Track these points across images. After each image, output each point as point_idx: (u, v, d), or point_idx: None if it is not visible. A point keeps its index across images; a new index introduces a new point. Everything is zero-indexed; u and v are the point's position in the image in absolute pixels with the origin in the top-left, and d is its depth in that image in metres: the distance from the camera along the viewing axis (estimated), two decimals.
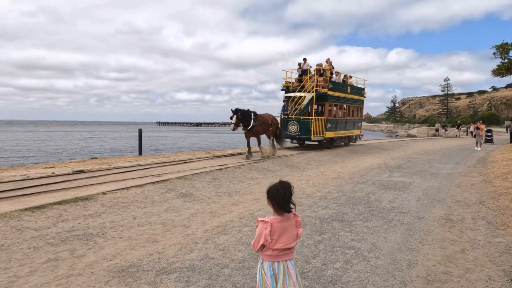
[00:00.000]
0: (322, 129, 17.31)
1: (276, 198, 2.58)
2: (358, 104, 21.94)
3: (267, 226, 2.57)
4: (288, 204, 2.61)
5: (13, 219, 5.26)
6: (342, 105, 19.71)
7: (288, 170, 11.50)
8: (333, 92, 17.99)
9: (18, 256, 4.12)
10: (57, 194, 6.92)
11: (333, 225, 5.51)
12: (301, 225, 2.69)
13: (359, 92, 21.89)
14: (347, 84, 20.09)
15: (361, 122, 22.79)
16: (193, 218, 5.87)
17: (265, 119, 13.86)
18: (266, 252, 2.63)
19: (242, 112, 12.85)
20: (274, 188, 2.61)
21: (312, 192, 8.14)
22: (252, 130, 13.18)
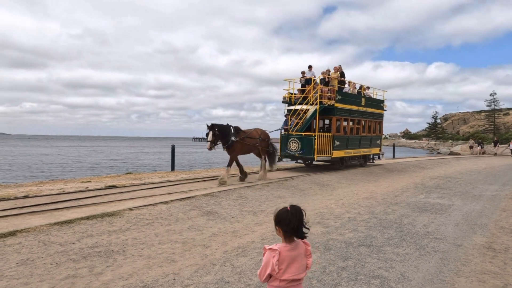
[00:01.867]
0: (329, 147, 14.88)
1: (288, 225, 2.42)
2: (376, 118, 19.01)
3: (275, 254, 2.41)
4: (301, 230, 2.45)
5: (41, 233, 5.42)
6: (355, 120, 17.01)
7: (318, 189, 11.17)
8: (342, 104, 15.48)
9: (40, 272, 4.20)
10: (86, 209, 7.11)
11: (360, 250, 5.19)
12: (311, 254, 2.50)
13: (377, 105, 19.11)
14: (361, 96, 17.45)
15: (380, 139, 19.72)
16: (214, 238, 5.77)
17: (251, 134, 12.01)
18: (273, 283, 2.45)
19: (220, 128, 11.20)
20: (284, 214, 2.45)
21: (341, 213, 7.80)
22: (231, 147, 11.36)
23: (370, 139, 18.39)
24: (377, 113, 19.06)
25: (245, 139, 11.67)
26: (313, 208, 8.37)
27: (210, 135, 10.85)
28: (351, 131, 16.67)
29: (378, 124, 19.41)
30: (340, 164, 16.14)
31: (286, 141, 14.93)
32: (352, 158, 17.25)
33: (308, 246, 2.50)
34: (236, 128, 11.71)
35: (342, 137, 15.82)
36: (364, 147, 17.87)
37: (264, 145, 12.39)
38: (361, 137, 17.39)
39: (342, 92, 15.83)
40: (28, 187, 10.20)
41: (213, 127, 10.95)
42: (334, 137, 15.17)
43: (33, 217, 6.44)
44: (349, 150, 16.53)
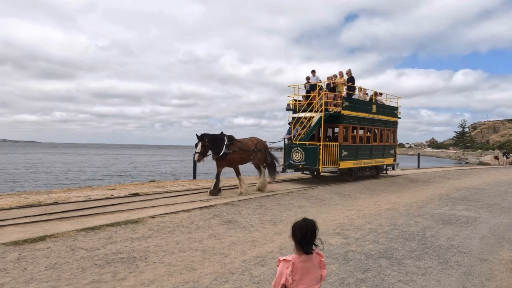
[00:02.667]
0: (335, 157, 13.75)
1: (298, 236, 2.46)
2: (389, 126, 17.70)
3: (288, 265, 2.44)
4: (309, 245, 2.46)
5: (69, 239, 5.66)
6: (365, 128, 15.85)
7: (339, 199, 11.06)
8: (349, 111, 14.41)
9: (67, 276, 4.39)
10: (111, 216, 7.35)
11: (380, 263, 5.12)
12: (325, 266, 2.53)
13: (390, 112, 17.78)
14: (372, 102, 16.26)
15: (394, 149, 18.27)
16: (233, 247, 5.84)
17: (246, 145, 11.25)
18: None
19: (211, 138, 10.50)
20: (297, 226, 2.49)
21: (361, 224, 7.70)
22: (225, 158, 10.66)
23: (382, 148, 17.12)
24: (390, 121, 17.80)
25: (239, 151, 10.91)
26: (333, 218, 8.31)
27: (199, 146, 10.21)
28: (361, 140, 15.61)
29: (392, 132, 18.15)
30: (349, 176, 14.93)
31: (290, 150, 14.03)
32: (363, 169, 16.03)
33: (322, 258, 2.53)
34: (230, 138, 10.98)
35: (350, 147, 14.65)
36: (376, 157, 16.65)
37: (261, 155, 11.61)
38: (372, 146, 16.21)
39: (349, 99, 14.78)
40: (57, 194, 10.62)
41: (203, 138, 10.31)
42: (341, 146, 14.05)
43: (61, 223, 6.73)
44: (359, 160, 15.34)
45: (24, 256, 4.88)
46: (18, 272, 4.41)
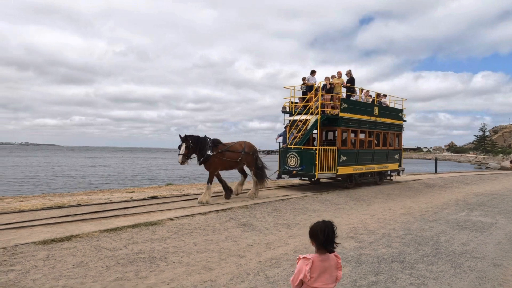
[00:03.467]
0: (333, 162, 12.94)
1: (320, 238, 2.65)
2: (393, 129, 16.70)
3: (308, 262, 2.62)
4: (331, 244, 2.66)
5: (93, 239, 5.97)
6: (366, 132, 14.94)
7: (353, 203, 11.12)
8: (348, 114, 13.55)
9: (93, 273, 4.68)
10: (131, 218, 7.66)
11: (392, 266, 5.23)
12: (341, 268, 2.70)
13: (394, 115, 16.82)
14: (374, 104, 15.40)
15: (399, 153, 17.34)
16: (249, 249, 6.04)
17: (232, 147, 10.68)
18: None
19: (195, 140, 10.03)
20: (318, 228, 2.67)
21: (375, 229, 7.78)
22: (207, 162, 10.11)
23: (386, 153, 16.12)
24: (395, 124, 16.81)
25: (225, 153, 10.38)
26: (347, 222, 8.41)
27: (183, 147, 9.71)
28: (362, 144, 14.73)
29: (396, 136, 17.15)
30: (349, 182, 14.07)
31: (285, 156, 13.26)
32: (364, 175, 15.16)
33: (339, 259, 2.71)
34: (215, 141, 10.49)
35: (349, 151, 13.79)
36: (379, 162, 15.71)
37: (250, 159, 11.00)
38: (374, 151, 15.26)
39: (348, 100, 13.95)
40: (79, 196, 11.05)
41: (187, 139, 9.81)
42: (340, 151, 13.18)
43: (85, 224, 7.07)
44: (360, 166, 14.47)
45: (52, 255, 5.20)
46: (48, 269, 4.72)
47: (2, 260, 4.88)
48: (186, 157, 9.77)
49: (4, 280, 4.33)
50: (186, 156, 9.76)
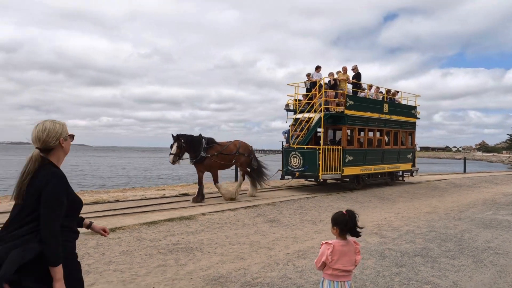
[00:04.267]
0: (338, 163, 12.36)
1: (346, 225, 3.03)
2: (405, 128, 15.88)
3: (329, 247, 3.01)
4: (355, 230, 3.05)
5: (134, 231, 6.55)
6: (375, 130, 14.28)
7: (378, 202, 11.30)
8: (354, 111, 12.97)
9: (138, 260, 5.21)
10: (166, 213, 8.23)
11: (414, 260, 5.48)
12: (360, 252, 3.06)
13: (406, 112, 15.98)
14: (383, 101, 14.63)
15: (412, 153, 16.45)
16: (277, 242, 6.43)
17: (227, 148, 10.47)
18: (327, 271, 3.04)
19: (188, 139, 9.83)
20: (342, 216, 3.07)
21: (399, 226, 7.99)
22: (203, 163, 10.02)
23: (397, 152, 15.33)
24: (407, 122, 15.95)
25: (219, 156, 10.23)
26: (371, 220, 8.65)
27: (174, 147, 9.53)
28: (370, 143, 14.10)
29: (409, 135, 16.29)
30: (356, 183, 13.37)
31: (288, 155, 12.79)
32: (373, 176, 14.43)
33: (357, 245, 3.07)
34: (209, 140, 10.26)
35: (356, 151, 13.17)
36: (390, 162, 14.92)
37: (244, 160, 10.76)
38: (384, 150, 14.55)
39: (354, 97, 13.30)
40: (115, 193, 11.80)
41: (179, 139, 9.64)
42: (345, 150, 12.61)
43: (125, 217, 7.68)
44: (368, 166, 13.74)
45: (101, 244, 5.79)
46: (98, 256, 5.29)
47: None
48: (178, 157, 9.58)
49: None
50: (178, 156, 9.57)
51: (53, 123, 2.27)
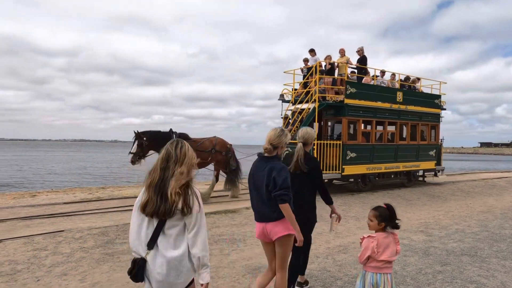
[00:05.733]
0: (337, 160, 10.92)
1: (386, 217, 3.13)
2: (426, 120, 13.69)
3: (373, 240, 3.11)
4: (395, 222, 3.15)
5: None
6: (385, 122, 12.35)
7: (427, 200, 10.89)
8: (357, 100, 11.29)
9: None
10: (213, 206, 8.64)
11: (461, 259, 5.31)
12: (399, 242, 3.14)
13: (428, 102, 13.77)
14: (396, 89, 12.69)
15: (436, 149, 14.22)
16: (318, 236, 6.53)
17: (202, 145, 9.49)
18: (371, 264, 3.13)
19: (153, 136, 8.83)
20: (383, 209, 3.17)
21: (448, 224, 7.70)
22: None
23: (416, 149, 13.25)
24: (428, 113, 13.76)
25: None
26: (418, 218, 8.41)
27: (135, 145, 8.62)
28: (379, 138, 12.42)
29: (432, 128, 14.11)
30: (362, 184, 11.71)
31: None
32: (385, 176, 12.64)
33: (396, 236, 3.15)
34: (182, 136, 9.11)
35: (360, 147, 11.51)
36: (406, 160, 12.92)
37: (222, 159, 9.77)
38: (398, 146, 12.60)
39: (357, 84, 11.53)
40: None
41: (140, 136, 8.67)
42: (346, 146, 11.01)
43: None
44: (376, 164, 12.01)
45: None
46: None
47: (117, 234, 6.07)
48: (138, 156, 8.63)
49: (121, 249, 5.45)
50: (138, 155, 8.62)
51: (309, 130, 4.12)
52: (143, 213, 2.22)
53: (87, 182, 22.10)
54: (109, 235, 6.01)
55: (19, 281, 4.28)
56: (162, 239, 2.21)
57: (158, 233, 2.20)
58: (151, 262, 2.19)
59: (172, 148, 2.28)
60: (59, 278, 4.38)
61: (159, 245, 2.20)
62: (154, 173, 2.25)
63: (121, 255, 5.22)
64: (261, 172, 3.26)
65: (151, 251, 2.20)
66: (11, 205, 8.45)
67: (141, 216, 2.24)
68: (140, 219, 2.25)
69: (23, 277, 4.38)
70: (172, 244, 2.20)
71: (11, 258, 4.91)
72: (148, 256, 2.20)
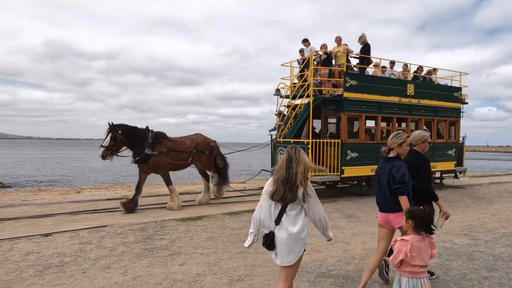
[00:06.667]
0: (336, 161, 9.70)
1: (423, 220, 3.02)
2: (443, 115, 12.18)
3: (407, 244, 3.00)
4: (430, 227, 3.02)
5: (218, 220, 7.10)
6: (393, 118, 10.99)
7: (470, 201, 10.35)
8: (359, 94, 10.07)
9: (221, 246, 5.69)
10: (246, 204, 8.70)
11: (510, 265, 5.00)
12: (435, 246, 3.00)
13: (445, 95, 12.20)
14: (406, 81, 11.35)
15: (456, 148, 12.52)
16: (354, 237, 6.41)
17: (182, 145, 8.54)
18: (405, 268, 3.03)
19: (128, 131, 8.00)
20: (420, 212, 3.06)
21: (495, 228, 7.28)
22: (147, 162, 8.08)
23: (432, 148, 10.89)
24: (446, 108, 12.19)
25: (170, 153, 8.26)
26: (461, 220, 8.02)
27: (108, 138, 7.72)
28: (386, 136, 10.82)
29: (451, 124, 12.56)
30: (366, 188, 10.35)
31: (275, 152, 10.59)
32: None
33: (431, 239, 3.02)
34: (158, 135, 8.43)
35: (363, 146, 10.20)
36: None
37: (205, 159, 8.86)
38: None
39: (358, 75, 10.31)
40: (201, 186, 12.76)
41: (114, 129, 7.80)
42: (345, 145, 9.79)
43: (210, 207, 8.34)
44: None
45: (189, 229, 6.43)
46: (188, 240, 5.91)
47: (156, 230, 6.28)
48: (110, 151, 7.75)
49: (159, 245, 5.63)
50: (110, 150, 7.74)
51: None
52: (271, 199, 3.02)
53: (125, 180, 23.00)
54: (148, 231, 6.23)
55: (67, 272, 4.54)
56: (285, 218, 3.02)
57: (282, 214, 3.02)
58: (277, 234, 3.05)
59: (292, 152, 3.06)
60: (103, 271, 4.60)
61: (283, 222, 3.02)
62: (280, 171, 3.02)
63: (159, 250, 5.39)
64: (383, 170, 3.88)
65: (277, 226, 3.04)
66: (59, 201, 8.97)
67: (269, 201, 3.06)
68: (269, 204, 3.07)
69: (71, 269, 4.64)
70: (292, 221, 3.02)
71: (60, 251, 5.22)
72: (276, 230, 3.06)
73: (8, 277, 4.36)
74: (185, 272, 4.60)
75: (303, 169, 3.00)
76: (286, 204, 3.01)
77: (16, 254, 5.02)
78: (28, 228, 6.28)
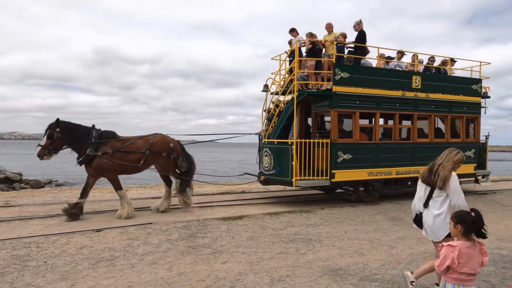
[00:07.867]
0: (325, 163, 8.64)
1: (473, 225, 2.86)
2: (459, 111, 10.68)
3: (454, 250, 2.85)
4: (481, 231, 2.86)
5: (259, 220, 7.15)
6: (395, 115, 9.72)
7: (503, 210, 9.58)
8: (351, 87, 8.92)
9: (262, 246, 5.72)
10: (287, 205, 8.69)
11: None
12: (487, 254, 2.82)
13: (460, 88, 10.72)
14: (411, 72, 10.01)
15: (476, 148, 11.06)
16: (399, 241, 6.17)
17: (132, 145, 7.65)
18: (452, 275, 2.88)
19: (68, 129, 7.26)
20: (469, 215, 2.90)
21: None
22: (91, 164, 7.30)
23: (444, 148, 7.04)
24: (462, 102, 10.70)
25: (116, 154, 7.40)
26: None
27: (45, 138, 7.11)
28: (386, 134, 10.09)
29: (469, 122, 11.07)
30: (365, 194, 9.30)
31: (262, 153, 9.58)
32: (397, 182, 9.88)
33: (482, 246, 2.84)
34: (105, 134, 7.61)
35: (358, 146, 9.10)
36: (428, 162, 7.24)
37: (163, 162, 7.91)
38: (415, 145, 9.87)
39: (351, 67, 9.18)
40: (242, 185, 12.89)
41: (52, 127, 7.14)
42: (336, 146, 8.71)
43: (250, 207, 8.43)
44: (383, 168, 9.40)
45: (231, 229, 6.53)
46: (229, 239, 6.01)
47: (198, 229, 6.45)
48: (47, 150, 7.10)
49: (202, 243, 5.77)
50: (47, 149, 7.10)
51: None
52: (422, 182, 3.79)
53: None
54: (191, 229, 6.41)
55: (117, 266, 4.79)
56: (431, 202, 3.71)
57: (429, 198, 3.71)
58: (425, 216, 3.75)
59: (446, 152, 3.75)
60: (150, 266, 4.80)
61: (430, 206, 3.71)
62: (433, 164, 3.76)
63: (202, 248, 5.53)
64: None
65: (425, 209, 3.74)
66: (108, 199, 9.49)
67: (422, 186, 3.80)
68: (420, 188, 3.82)
69: (120, 263, 4.89)
70: (437, 206, 3.66)
71: (110, 246, 5.52)
72: (424, 212, 3.76)
73: (65, 268, 4.68)
74: (227, 270, 4.68)
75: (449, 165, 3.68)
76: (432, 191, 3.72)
77: (72, 248, 5.38)
78: (82, 224, 6.71)
